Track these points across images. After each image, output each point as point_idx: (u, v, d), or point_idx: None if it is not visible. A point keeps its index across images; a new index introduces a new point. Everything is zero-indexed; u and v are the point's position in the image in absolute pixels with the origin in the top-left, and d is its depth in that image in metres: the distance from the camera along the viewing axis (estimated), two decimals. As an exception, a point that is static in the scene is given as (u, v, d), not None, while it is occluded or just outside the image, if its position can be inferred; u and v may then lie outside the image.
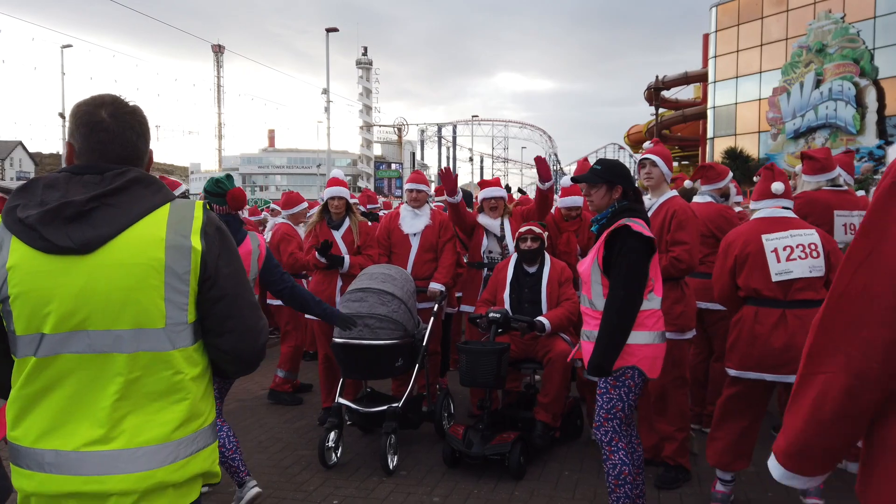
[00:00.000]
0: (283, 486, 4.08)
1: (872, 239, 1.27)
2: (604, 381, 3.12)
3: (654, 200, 4.20)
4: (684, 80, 42.50)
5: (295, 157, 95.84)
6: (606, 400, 3.11)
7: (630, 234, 3.04)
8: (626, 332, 3.02)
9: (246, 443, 4.88)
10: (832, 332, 1.32)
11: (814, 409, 1.38)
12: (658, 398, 4.02)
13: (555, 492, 3.92)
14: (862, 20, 30.68)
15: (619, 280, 3.03)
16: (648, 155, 4.14)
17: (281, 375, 5.99)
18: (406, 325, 4.52)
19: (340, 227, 5.36)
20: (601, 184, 3.22)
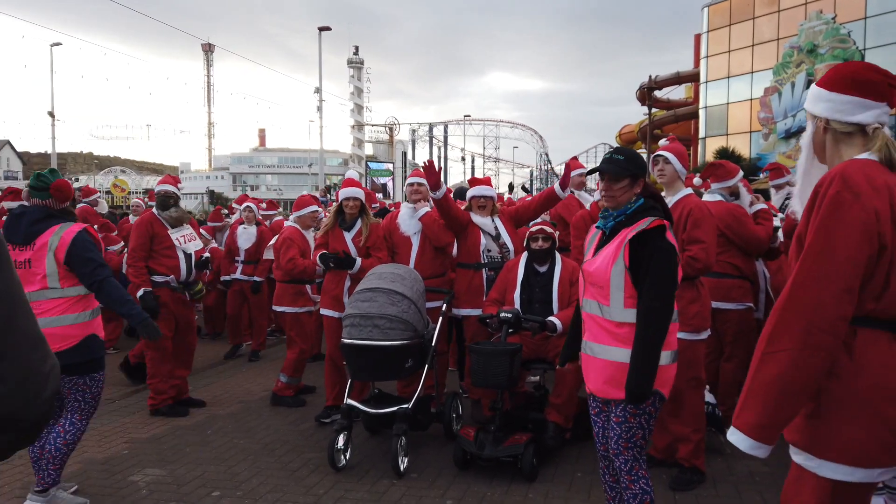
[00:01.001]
0: (293, 490, 4.01)
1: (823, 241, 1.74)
2: (622, 407, 2.77)
3: (668, 198, 4.17)
4: (676, 80, 42.61)
5: (286, 157, 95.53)
6: (626, 429, 2.78)
7: (662, 233, 2.74)
8: (661, 349, 2.70)
9: (251, 445, 4.82)
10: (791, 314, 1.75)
11: (782, 382, 1.73)
12: (672, 399, 3.97)
13: (569, 493, 3.88)
14: (853, 21, 30.87)
15: (657, 289, 2.68)
16: (662, 152, 4.11)
17: (283, 381, 5.90)
18: (416, 325, 4.47)
19: (352, 229, 5.31)
20: (626, 177, 2.81)
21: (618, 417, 2.80)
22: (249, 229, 7.78)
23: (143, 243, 5.52)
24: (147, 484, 4.13)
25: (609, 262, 2.77)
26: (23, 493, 3.95)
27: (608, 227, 2.87)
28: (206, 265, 5.86)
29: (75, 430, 3.71)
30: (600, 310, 2.81)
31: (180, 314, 5.63)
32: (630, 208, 2.83)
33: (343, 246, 5.29)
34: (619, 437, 2.80)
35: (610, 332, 2.77)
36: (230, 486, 4.07)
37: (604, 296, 2.79)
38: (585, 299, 2.91)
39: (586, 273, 2.89)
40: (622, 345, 2.73)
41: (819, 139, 1.99)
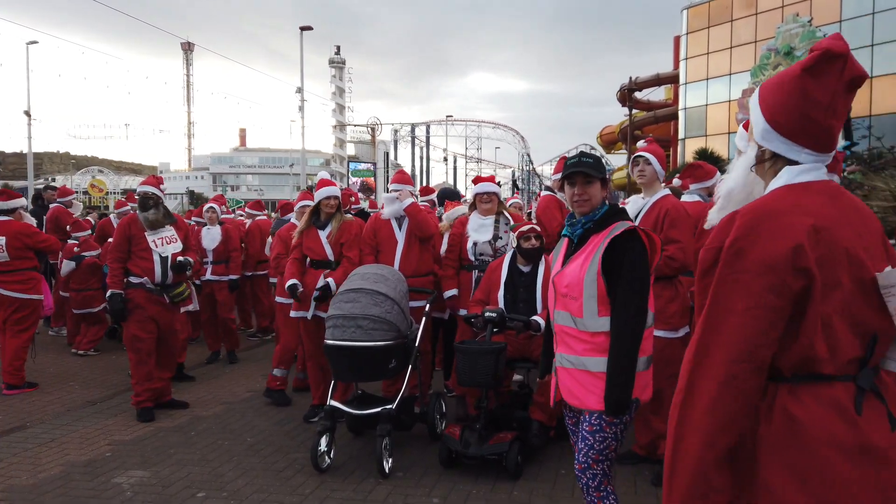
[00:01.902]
0: (279, 490, 4.02)
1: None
2: (598, 416, 2.63)
3: (646, 199, 4.23)
4: (656, 82, 42.96)
5: (267, 157, 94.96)
6: (599, 439, 2.64)
7: (636, 236, 2.67)
8: (637, 356, 2.61)
9: (236, 446, 4.81)
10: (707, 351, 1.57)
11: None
12: (654, 398, 4.03)
13: (553, 491, 3.93)
14: (828, 24, 31.32)
15: (633, 293, 2.59)
16: (643, 153, 4.17)
17: (275, 374, 5.96)
18: (399, 325, 4.49)
19: (327, 227, 5.33)
20: (598, 179, 2.74)
21: (591, 426, 2.66)
22: (213, 230, 7.73)
23: (120, 244, 5.51)
24: (131, 486, 4.11)
25: (581, 271, 2.66)
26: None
27: (577, 235, 2.76)
28: (184, 268, 5.66)
29: None
30: (573, 321, 2.69)
31: (159, 316, 5.55)
32: (597, 214, 2.74)
33: (318, 245, 5.32)
34: (590, 449, 2.66)
35: (584, 342, 2.68)
36: (215, 487, 4.07)
37: (577, 307, 2.67)
38: (556, 311, 2.78)
39: (557, 284, 2.77)
40: (598, 354, 2.64)
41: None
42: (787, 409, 1.55)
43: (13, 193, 6.72)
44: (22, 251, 6.37)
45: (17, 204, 6.64)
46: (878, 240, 1.65)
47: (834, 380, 1.55)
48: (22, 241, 6.38)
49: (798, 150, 1.67)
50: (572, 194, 2.76)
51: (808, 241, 1.52)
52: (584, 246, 2.71)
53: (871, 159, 13.91)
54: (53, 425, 5.34)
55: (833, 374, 1.55)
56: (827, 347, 1.54)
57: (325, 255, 5.30)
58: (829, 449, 1.50)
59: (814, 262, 1.52)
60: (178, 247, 5.66)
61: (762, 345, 1.53)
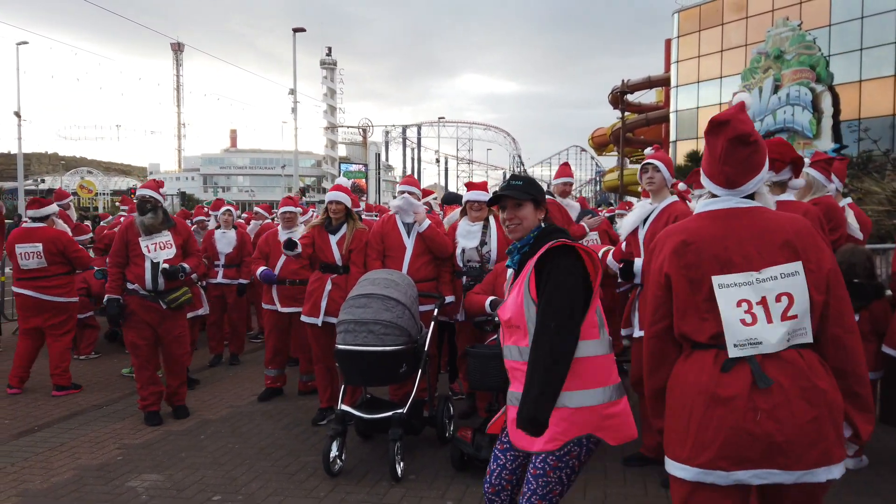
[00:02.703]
0: (293, 493, 4.06)
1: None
2: (542, 459, 2.43)
3: (655, 205, 4.31)
4: (647, 85, 43.29)
5: (258, 158, 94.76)
6: (542, 484, 2.44)
7: (562, 252, 2.48)
8: (562, 377, 2.38)
9: (246, 449, 4.85)
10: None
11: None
12: (661, 399, 4.11)
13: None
14: (818, 28, 31.66)
15: (550, 308, 2.40)
16: (651, 160, 4.24)
17: (267, 374, 6.20)
18: (410, 330, 4.54)
19: (337, 233, 5.38)
20: (528, 201, 2.60)
21: (535, 469, 2.45)
22: (229, 234, 7.75)
23: (118, 249, 5.51)
24: (146, 489, 4.15)
25: (519, 297, 2.50)
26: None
27: (516, 262, 2.62)
28: (175, 274, 5.50)
29: None
30: (519, 353, 2.51)
31: (155, 323, 5.50)
32: (531, 237, 2.59)
33: (327, 248, 5.38)
34: (532, 494, 2.45)
35: None
36: (230, 491, 4.11)
37: (522, 336, 2.49)
38: (505, 347, 2.62)
39: (501, 316, 2.61)
40: None
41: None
42: (678, 365, 2.33)
43: (44, 200, 6.79)
44: (58, 256, 6.44)
45: (50, 211, 6.73)
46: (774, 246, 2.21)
47: (705, 347, 2.23)
48: (57, 246, 6.44)
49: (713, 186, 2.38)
50: (503, 220, 2.66)
51: (674, 253, 2.29)
52: (522, 272, 2.56)
53: (863, 163, 14.07)
54: (62, 429, 5.36)
55: (704, 343, 2.24)
56: (695, 325, 2.25)
57: (334, 259, 5.35)
58: (687, 390, 2.25)
59: (676, 267, 2.28)
60: (171, 253, 5.54)
61: (658, 318, 2.36)
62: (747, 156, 2.27)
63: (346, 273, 5.34)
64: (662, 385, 2.41)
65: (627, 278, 4.35)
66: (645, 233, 4.28)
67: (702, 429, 2.18)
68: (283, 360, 6.33)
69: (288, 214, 6.43)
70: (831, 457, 2.13)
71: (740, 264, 2.20)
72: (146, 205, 5.53)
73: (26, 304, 6.39)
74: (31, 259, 6.35)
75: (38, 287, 6.36)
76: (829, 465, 2.13)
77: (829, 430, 2.13)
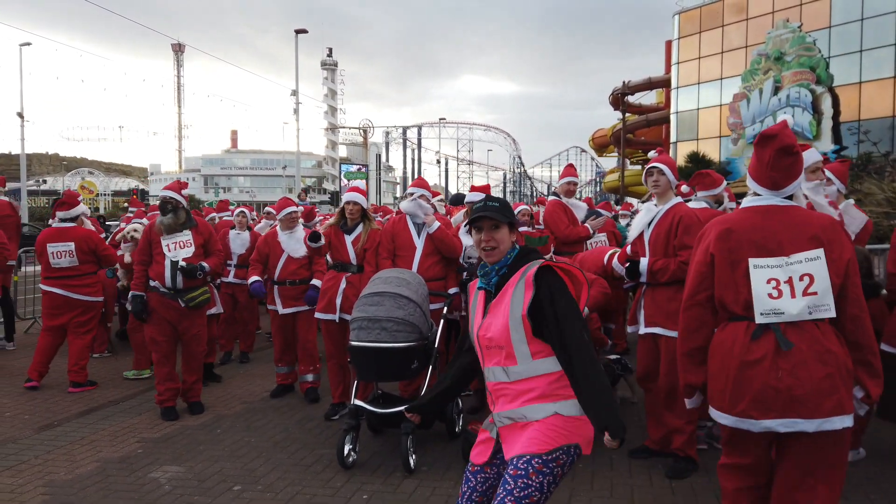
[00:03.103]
0: (311, 484, 4.21)
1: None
2: (526, 461, 2.38)
3: (660, 207, 4.46)
4: (648, 86, 43.42)
5: (258, 159, 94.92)
6: (521, 486, 2.35)
7: (551, 271, 2.53)
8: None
9: (263, 442, 5.00)
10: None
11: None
12: (668, 394, 4.27)
13: (574, 483, 4.14)
14: (818, 29, 31.83)
15: (576, 321, 2.44)
16: (656, 164, 4.39)
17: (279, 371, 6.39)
18: (421, 327, 4.68)
19: (352, 233, 5.54)
20: (505, 224, 2.59)
21: (516, 470, 2.39)
22: (242, 234, 7.91)
23: (143, 248, 5.72)
24: (168, 480, 4.30)
25: (504, 318, 2.49)
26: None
27: (493, 284, 2.59)
28: (193, 273, 5.64)
29: None
30: (505, 374, 2.50)
31: (174, 320, 5.68)
32: (510, 258, 2.59)
33: (343, 248, 5.54)
34: (507, 494, 2.36)
35: (521, 392, 2.48)
36: (249, 481, 4.26)
37: (507, 356, 2.49)
38: (486, 369, 2.59)
39: (482, 339, 2.57)
40: (538, 401, 2.45)
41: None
42: (717, 334, 2.89)
43: (74, 201, 6.95)
44: (89, 255, 6.62)
45: (79, 211, 6.89)
46: (804, 238, 2.70)
47: (739, 319, 2.77)
48: (89, 245, 6.62)
49: (757, 187, 2.89)
50: (479, 240, 2.62)
51: (718, 238, 2.85)
52: (502, 292, 2.55)
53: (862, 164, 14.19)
54: (81, 424, 5.51)
55: (738, 315, 2.77)
56: (732, 297, 2.78)
57: (349, 258, 5.50)
58: (725, 355, 2.78)
59: (719, 249, 2.83)
60: (190, 252, 5.69)
61: (701, 290, 2.93)
62: (790, 164, 2.78)
63: (361, 272, 5.49)
64: (698, 345, 2.96)
65: (633, 277, 4.49)
66: (650, 233, 4.42)
67: (736, 386, 2.71)
68: (292, 357, 6.45)
69: (293, 214, 6.44)
70: (844, 407, 2.62)
71: (774, 250, 2.72)
72: (167, 205, 5.69)
73: (55, 302, 6.52)
74: (63, 258, 6.51)
75: (68, 286, 6.51)
76: (843, 415, 2.62)
77: (840, 386, 2.62)
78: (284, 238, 6.21)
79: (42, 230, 7.29)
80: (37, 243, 6.69)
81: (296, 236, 6.19)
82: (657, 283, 4.31)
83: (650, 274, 4.31)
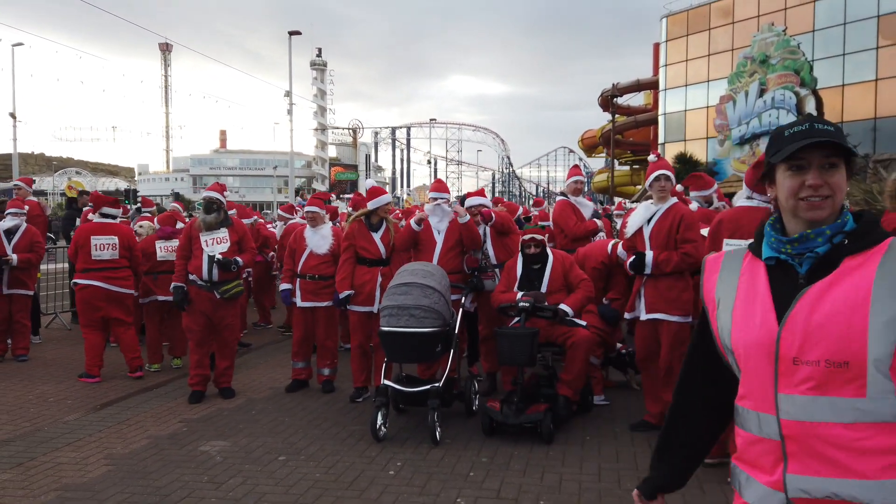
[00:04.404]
0: (348, 454, 4.70)
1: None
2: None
3: (659, 206, 4.96)
4: (636, 88, 44.13)
5: (247, 159, 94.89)
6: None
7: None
8: None
9: (297, 421, 5.47)
10: None
11: None
12: (667, 372, 4.79)
13: (583, 451, 4.66)
14: (802, 33, 32.61)
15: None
16: (664, 171, 4.89)
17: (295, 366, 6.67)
18: (444, 315, 5.18)
19: (380, 229, 6.08)
20: (842, 162, 1.56)
21: None
22: None
23: (184, 244, 6.24)
24: (218, 452, 4.77)
25: (857, 318, 1.41)
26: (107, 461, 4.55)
27: (812, 258, 1.52)
28: (228, 266, 6.12)
29: None
30: (839, 411, 1.43)
31: (209, 311, 6.17)
32: (847, 221, 1.54)
33: (373, 246, 6.05)
34: None
35: (877, 452, 1.40)
36: (292, 452, 4.74)
37: (851, 381, 1.41)
38: (786, 397, 1.47)
39: (788, 347, 1.47)
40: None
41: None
42: None
43: (117, 199, 7.52)
44: (126, 251, 7.08)
45: (120, 210, 7.48)
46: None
47: None
48: (130, 242, 7.13)
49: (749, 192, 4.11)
50: (799, 185, 1.55)
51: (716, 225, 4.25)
52: (838, 273, 1.47)
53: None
54: (122, 407, 5.95)
55: None
56: None
57: (381, 254, 6.01)
58: None
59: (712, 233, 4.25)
60: (226, 247, 6.18)
61: None
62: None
63: (389, 265, 6.00)
64: None
65: (638, 271, 4.96)
66: (651, 229, 4.92)
67: None
68: (308, 351, 6.70)
69: (311, 214, 6.76)
70: None
71: (743, 236, 3.82)
72: (212, 205, 6.21)
73: (96, 295, 6.88)
74: (106, 251, 6.95)
75: (108, 278, 6.93)
76: None
77: None
78: (309, 234, 6.63)
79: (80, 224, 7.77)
80: (78, 237, 7.06)
81: (321, 233, 6.60)
82: (660, 273, 4.82)
83: (655, 265, 4.81)
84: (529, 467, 4.41)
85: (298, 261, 6.64)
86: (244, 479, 4.29)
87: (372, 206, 6.05)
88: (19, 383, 6.82)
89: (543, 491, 4.03)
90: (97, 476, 4.36)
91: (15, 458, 4.69)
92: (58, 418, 5.62)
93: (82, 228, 7.16)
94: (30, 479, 4.32)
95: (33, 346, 8.46)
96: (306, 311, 6.60)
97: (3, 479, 4.31)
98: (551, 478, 4.23)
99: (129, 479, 4.29)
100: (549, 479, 4.22)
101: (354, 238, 6.05)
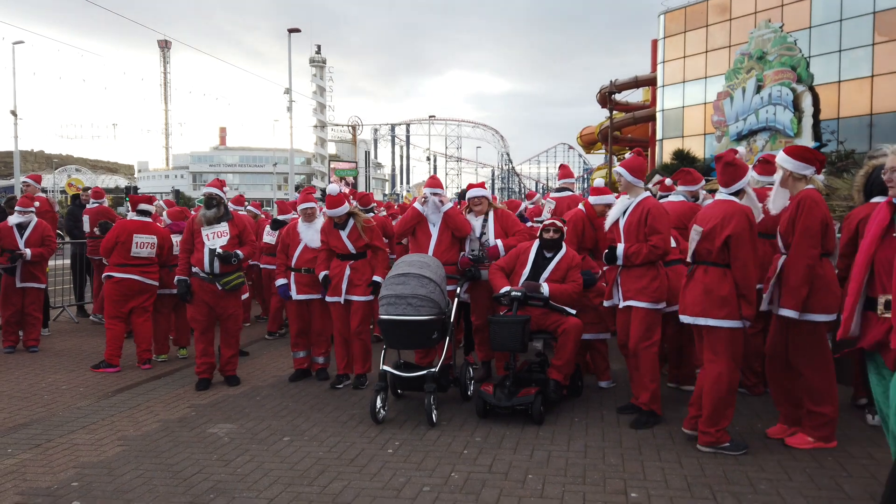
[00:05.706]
0: (349, 435, 4.96)
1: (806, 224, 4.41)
2: None
3: (631, 200, 5.20)
4: (634, 84, 44.26)
5: (247, 156, 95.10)
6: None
7: None
8: None
9: (300, 406, 5.74)
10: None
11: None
12: (633, 355, 5.05)
13: (571, 431, 4.92)
14: (799, 29, 32.81)
15: None
16: (616, 168, 5.16)
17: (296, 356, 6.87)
18: (440, 304, 5.44)
19: (346, 228, 6.30)
20: None
21: None
22: None
23: (186, 238, 6.54)
24: (226, 433, 5.03)
25: None
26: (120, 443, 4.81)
27: None
28: (228, 259, 6.37)
29: None
30: None
31: (211, 302, 6.46)
32: None
33: (340, 241, 6.28)
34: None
35: None
36: (296, 434, 5.00)
37: None
38: None
39: None
40: None
41: (785, 180, 4.54)
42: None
43: (151, 196, 7.89)
44: (159, 249, 7.42)
45: (153, 207, 7.77)
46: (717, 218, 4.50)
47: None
48: (166, 242, 7.53)
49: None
50: None
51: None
52: None
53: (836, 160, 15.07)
54: (133, 394, 6.21)
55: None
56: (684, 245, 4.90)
57: (348, 250, 6.30)
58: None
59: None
60: (226, 240, 6.42)
61: None
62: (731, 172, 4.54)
63: (363, 258, 6.26)
64: None
65: (612, 262, 5.22)
66: (625, 222, 5.17)
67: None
68: (307, 341, 6.89)
69: (309, 210, 6.91)
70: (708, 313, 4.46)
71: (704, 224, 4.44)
72: (212, 200, 6.45)
73: (132, 287, 7.19)
74: (145, 248, 7.26)
75: (144, 272, 7.25)
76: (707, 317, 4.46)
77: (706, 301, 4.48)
78: (303, 228, 6.83)
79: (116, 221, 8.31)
80: (121, 233, 7.25)
81: (314, 227, 6.78)
82: (631, 265, 5.07)
83: (625, 258, 5.07)
84: (520, 446, 4.68)
85: (292, 255, 6.78)
86: (251, 457, 4.55)
87: (329, 214, 6.26)
88: (32, 372, 7.09)
89: (532, 466, 4.29)
90: (112, 455, 4.62)
91: (33, 439, 4.95)
92: (71, 404, 5.89)
93: (124, 226, 7.34)
94: (49, 458, 4.58)
95: (43, 337, 8.72)
96: (301, 304, 6.77)
97: (25, 459, 4.57)
98: (540, 454, 4.49)
99: (143, 458, 4.55)
100: (538, 455, 4.48)
101: (327, 236, 6.35)
